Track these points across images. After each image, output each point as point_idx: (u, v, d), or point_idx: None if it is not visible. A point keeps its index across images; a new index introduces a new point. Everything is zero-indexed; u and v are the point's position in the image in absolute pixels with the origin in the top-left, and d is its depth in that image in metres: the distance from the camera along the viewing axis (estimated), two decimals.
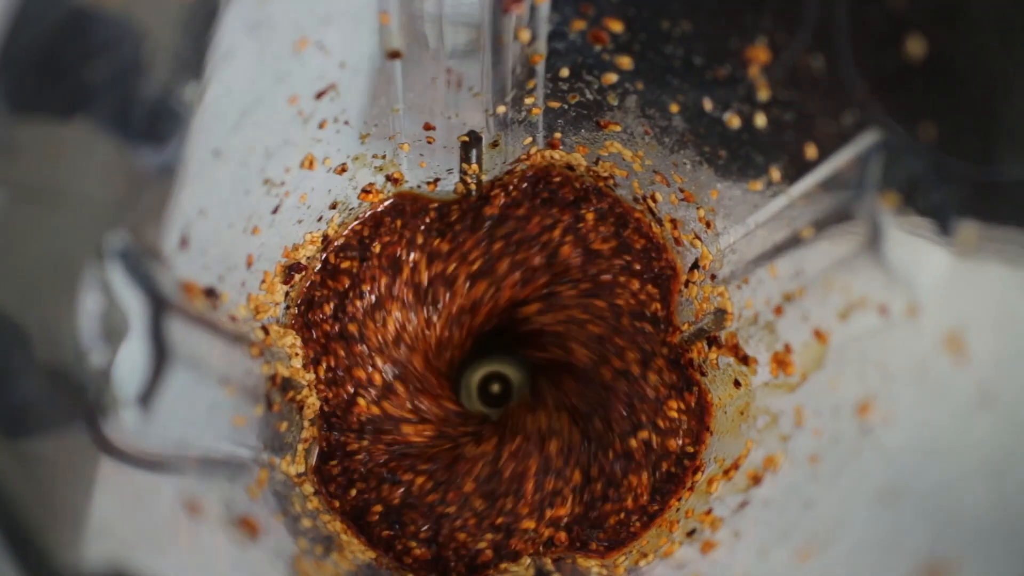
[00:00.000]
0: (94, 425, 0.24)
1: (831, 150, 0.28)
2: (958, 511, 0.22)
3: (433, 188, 0.40)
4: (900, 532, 0.23)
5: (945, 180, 0.24)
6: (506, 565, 0.37)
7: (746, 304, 0.34)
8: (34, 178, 0.24)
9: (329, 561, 0.32)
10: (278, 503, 0.33)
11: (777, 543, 0.28)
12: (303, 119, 0.32)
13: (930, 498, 0.23)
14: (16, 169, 0.23)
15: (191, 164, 0.28)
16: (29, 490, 0.18)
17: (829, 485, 0.27)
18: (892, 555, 0.22)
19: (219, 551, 0.26)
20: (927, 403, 0.25)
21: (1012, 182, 0.23)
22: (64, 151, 0.24)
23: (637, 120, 0.35)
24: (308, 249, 0.38)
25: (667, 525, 0.37)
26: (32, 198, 0.24)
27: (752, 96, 0.29)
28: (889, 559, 0.22)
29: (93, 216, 0.25)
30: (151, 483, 0.26)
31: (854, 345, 0.28)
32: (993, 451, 0.23)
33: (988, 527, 0.22)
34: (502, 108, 0.36)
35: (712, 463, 0.37)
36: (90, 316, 0.23)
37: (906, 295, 0.25)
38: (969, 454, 0.23)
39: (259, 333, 0.34)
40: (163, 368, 0.24)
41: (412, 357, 0.40)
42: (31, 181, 0.24)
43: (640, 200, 0.39)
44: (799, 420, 0.31)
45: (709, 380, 0.38)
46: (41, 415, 0.23)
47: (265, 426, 0.33)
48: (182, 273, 0.28)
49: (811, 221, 0.29)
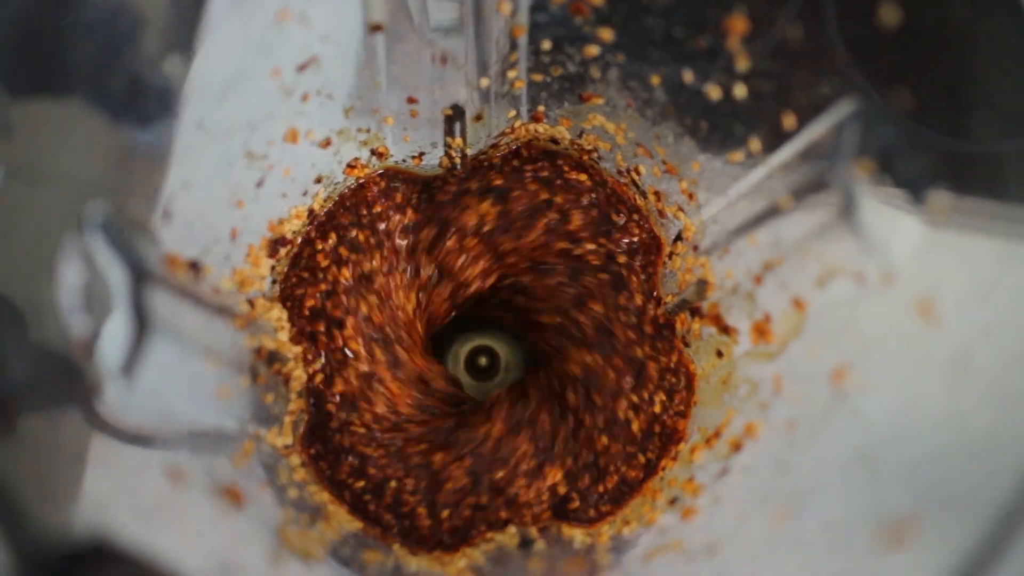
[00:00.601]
0: (84, 402, 0.24)
1: (808, 120, 0.28)
2: (932, 474, 0.22)
3: (418, 162, 0.40)
4: (873, 497, 0.23)
5: (919, 148, 0.25)
6: (492, 534, 0.37)
7: (727, 274, 0.34)
8: (24, 157, 0.24)
9: (315, 530, 0.33)
10: (264, 473, 0.33)
11: (755, 508, 0.28)
12: (286, 92, 0.32)
13: (902, 463, 0.23)
14: (7, 147, 0.23)
15: (175, 137, 0.28)
16: (17, 464, 0.18)
17: (805, 451, 0.27)
18: (867, 517, 0.23)
19: (204, 521, 0.26)
20: (901, 370, 0.25)
21: (982, 152, 0.24)
22: (52, 129, 0.24)
23: (619, 92, 0.35)
24: (294, 223, 0.38)
25: (650, 494, 0.37)
26: (22, 176, 0.24)
27: (731, 67, 0.29)
28: (864, 520, 0.23)
29: (80, 192, 0.25)
30: (138, 456, 0.26)
31: (831, 313, 0.29)
32: (967, 417, 0.24)
33: (957, 491, 0.22)
34: (485, 81, 0.36)
35: (695, 433, 0.37)
36: (70, 287, 0.24)
37: (881, 263, 0.25)
38: (941, 420, 0.24)
39: (244, 306, 0.34)
40: (144, 338, 0.25)
41: (398, 330, 0.40)
42: (20, 159, 0.24)
43: (624, 173, 0.40)
44: (778, 387, 0.31)
45: (692, 351, 0.38)
46: (32, 393, 0.23)
47: (251, 398, 0.34)
48: (165, 245, 0.28)
49: (789, 190, 0.29)
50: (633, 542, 0.34)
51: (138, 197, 0.28)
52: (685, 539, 0.30)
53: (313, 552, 0.31)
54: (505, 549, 0.35)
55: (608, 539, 0.36)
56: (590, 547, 0.35)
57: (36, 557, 0.17)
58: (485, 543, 0.37)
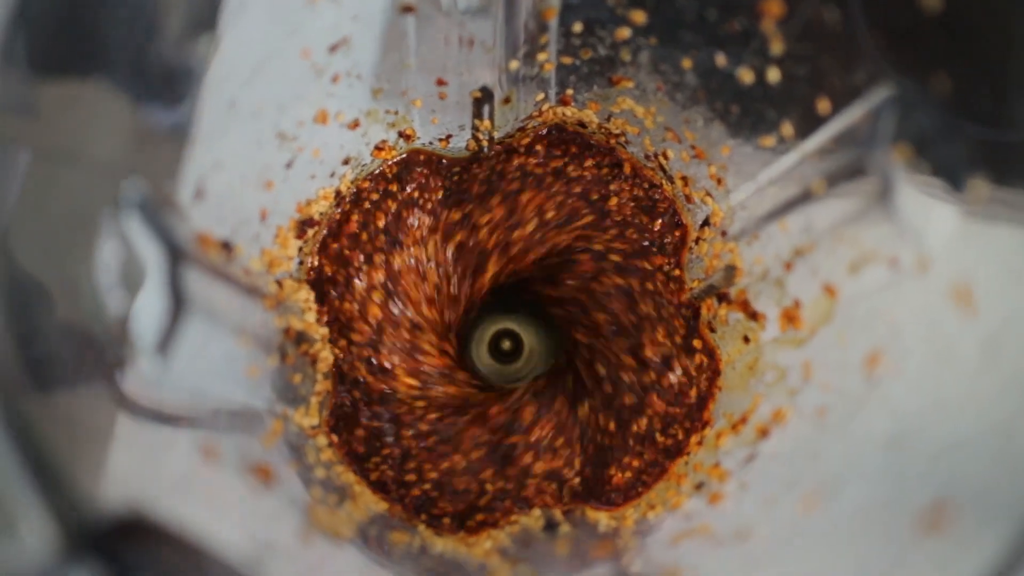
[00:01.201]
0: (112, 380, 0.24)
1: (843, 105, 0.28)
2: (963, 463, 0.22)
3: (445, 144, 0.40)
4: (906, 483, 0.23)
5: (957, 135, 0.24)
6: (516, 516, 0.37)
7: (756, 260, 0.34)
8: (53, 138, 0.24)
9: (343, 510, 0.33)
10: (292, 453, 0.33)
11: (784, 493, 0.28)
12: (316, 73, 0.32)
13: (936, 450, 0.23)
14: (36, 129, 0.23)
15: (207, 117, 0.28)
16: (55, 435, 0.18)
17: (836, 437, 0.27)
18: (897, 504, 0.22)
19: (234, 498, 0.26)
20: (935, 357, 0.25)
21: (1021, 141, 0.24)
22: (79, 110, 0.25)
23: (650, 76, 0.35)
24: (321, 204, 0.38)
25: (675, 479, 0.37)
26: (51, 157, 0.24)
27: (765, 50, 0.29)
28: (894, 508, 0.23)
29: (111, 172, 0.25)
30: (168, 435, 0.26)
31: (863, 299, 0.28)
32: (998, 406, 0.23)
33: (991, 479, 0.22)
34: (515, 64, 0.36)
35: (720, 418, 0.37)
36: (107, 266, 0.24)
37: (916, 249, 0.25)
38: (975, 407, 0.23)
39: (273, 286, 0.35)
40: (180, 317, 0.25)
41: (422, 312, 0.40)
42: (50, 141, 0.24)
43: (651, 157, 0.39)
44: (807, 374, 0.31)
45: (718, 336, 0.38)
46: (62, 370, 0.23)
47: (279, 378, 0.34)
48: (197, 225, 0.28)
49: (822, 176, 0.29)
50: (659, 526, 0.34)
51: (162, 177, 0.28)
52: (712, 524, 0.30)
53: (342, 531, 0.31)
54: (530, 531, 0.36)
55: (633, 523, 0.36)
56: (615, 530, 0.35)
57: (80, 531, 0.18)
58: (510, 525, 0.37)
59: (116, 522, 0.18)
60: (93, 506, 0.18)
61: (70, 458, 0.18)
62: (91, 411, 0.23)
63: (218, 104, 0.29)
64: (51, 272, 0.24)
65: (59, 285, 0.24)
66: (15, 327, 0.19)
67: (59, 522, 0.18)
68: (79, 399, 0.24)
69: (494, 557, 0.34)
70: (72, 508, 0.18)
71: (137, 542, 0.18)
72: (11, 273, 0.22)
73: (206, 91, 0.28)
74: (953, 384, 0.24)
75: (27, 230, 0.23)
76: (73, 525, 0.18)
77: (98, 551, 0.18)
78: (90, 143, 0.25)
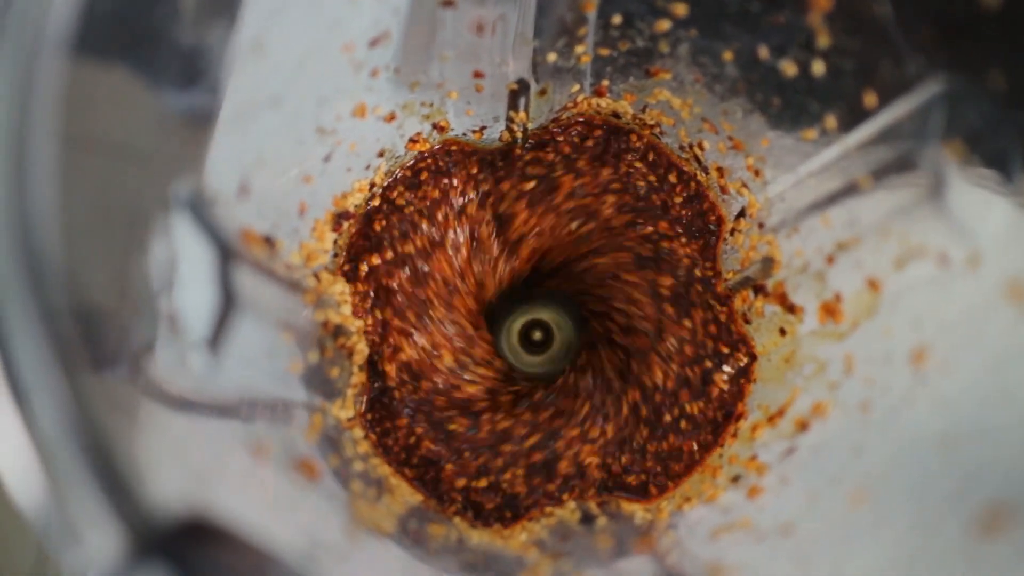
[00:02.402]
0: (133, 366, 0.24)
1: (891, 99, 0.27)
2: (1018, 460, 0.22)
3: (479, 136, 0.40)
4: (959, 482, 0.23)
5: (1010, 130, 0.24)
6: (551, 508, 0.37)
7: (796, 253, 0.34)
8: (79, 126, 0.24)
9: (382, 503, 0.33)
10: (331, 447, 0.34)
11: (827, 489, 0.28)
12: (355, 67, 0.32)
13: (991, 451, 0.23)
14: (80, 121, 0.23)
15: (250, 113, 0.28)
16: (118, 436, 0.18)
17: (882, 433, 0.27)
18: (950, 504, 0.22)
19: (284, 496, 0.27)
20: (988, 354, 0.25)
21: None
22: (104, 98, 0.24)
23: (688, 68, 0.35)
24: (356, 197, 0.38)
25: (710, 471, 0.37)
26: (78, 146, 0.24)
27: (811, 43, 0.29)
28: (946, 508, 0.22)
29: (158, 166, 0.25)
30: (217, 433, 0.26)
31: (909, 294, 0.28)
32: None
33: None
34: (552, 56, 0.35)
35: (756, 410, 0.37)
36: (159, 262, 0.24)
37: (967, 244, 0.25)
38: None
39: (311, 280, 0.35)
40: (230, 313, 0.25)
41: (455, 303, 0.41)
42: (75, 129, 0.24)
43: (686, 148, 0.39)
44: (849, 368, 0.31)
45: (753, 328, 0.38)
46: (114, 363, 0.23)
47: (317, 372, 0.34)
48: (241, 220, 0.29)
49: (868, 170, 0.29)
50: (696, 519, 0.34)
51: (199, 171, 0.28)
52: (753, 518, 0.30)
53: (383, 525, 0.31)
54: (567, 524, 0.36)
55: (668, 515, 0.36)
56: (650, 523, 0.35)
57: (146, 533, 0.18)
58: (545, 518, 0.37)
59: (179, 524, 0.18)
60: (156, 508, 0.18)
61: (132, 460, 0.19)
62: (147, 409, 0.23)
63: (260, 101, 0.29)
64: (83, 259, 0.24)
65: (90, 273, 0.24)
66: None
67: (125, 525, 0.18)
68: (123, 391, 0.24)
69: (532, 550, 0.34)
70: (137, 510, 0.18)
71: (200, 544, 0.19)
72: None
73: (248, 88, 0.28)
74: (1008, 383, 0.24)
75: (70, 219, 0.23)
76: (138, 527, 0.18)
77: (163, 553, 0.18)
78: (117, 132, 0.25)
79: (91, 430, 0.18)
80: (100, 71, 0.22)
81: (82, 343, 0.19)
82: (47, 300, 0.19)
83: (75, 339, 0.19)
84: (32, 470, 0.18)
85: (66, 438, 0.18)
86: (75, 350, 0.19)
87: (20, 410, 0.18)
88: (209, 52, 0.27)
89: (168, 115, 0.25)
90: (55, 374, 0.18)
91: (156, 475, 0.19)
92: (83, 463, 0.18)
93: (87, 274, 0.22)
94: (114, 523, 0.17)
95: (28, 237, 0.20)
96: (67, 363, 0.19)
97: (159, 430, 0.23)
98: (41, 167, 0.21)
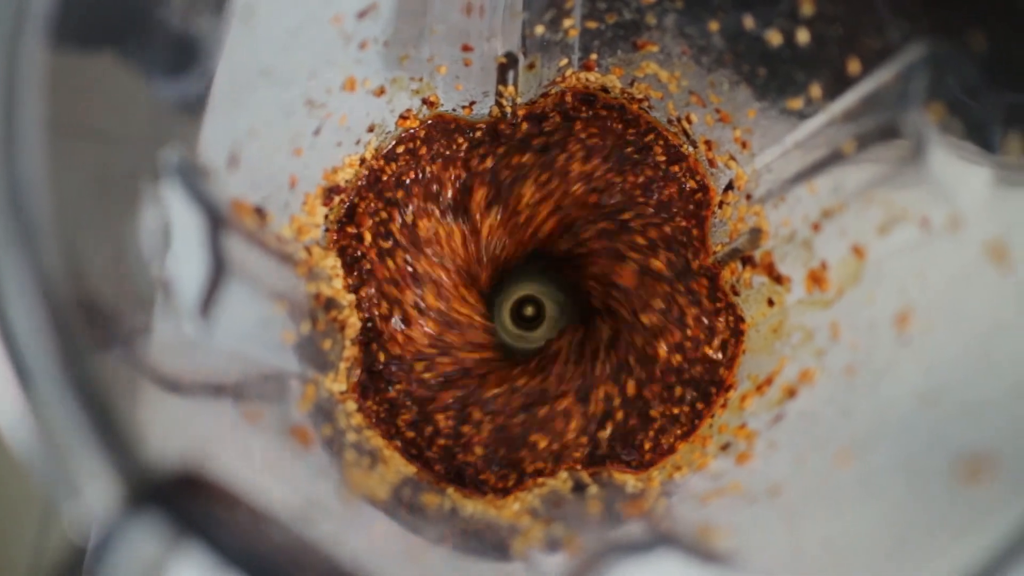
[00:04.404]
0: (128, 345, 0.25)
1: (874, 65, 0.28)
2: (1001, 418, 0.23)
3: (468, 111, 0.40)
4: (941, 437, 0.23)
5: (991, 94, 0.24)
6: (544, 479, 0.38)
7: (783, 222, 0.34)
8: (65, 113, 0.24)
9: (376, 472, 0.34)
10: (324, 418, 0.34)
11: (815, 451, 0.28)
12: (345, 39, 0.32)
13: (972, 405, 0.23)
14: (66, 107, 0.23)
15: (240, 85, 0.28)
16: (115, 392, 0.19)
17: (867, 394, 0.28)
18: (933, 458, 0.23)
19: (278, 459, 0.27)
20: (969, 313, 0.25)
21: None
22: (89, 85, 0.25)
23: (675, 40, 0.35)
24: (346, 172, 0.38)
25: (700, 441, 0.37)
26: (65, 133, 0.24)
27: (795, 11, 0.29)
28: (929, 461, 0.23)
29: (147, 138, 0.25)
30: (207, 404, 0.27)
31: (892, 259, 0.29)
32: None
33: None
34: (540, 28, 0.36)
35: (745, 380, 0.37)
36: (150, 232, 0.24)
37: (949, 207, 0.25)
38: (1012, 363, 0.24)
39: (303, 253, 0.35)
40: (221, 280, 0.25)
41: (446, 278, 0.41)
42: (62, 116, 0.24)
43: (674, 122, 0.39)
44: (835, 334, 0.31)
45: (742, 300, 0.38)
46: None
47: (310, 343, 0.34)
48: (232, 191, 0.29)
49: (852, 137, 0.29)
50: (686, 486, 0.35)
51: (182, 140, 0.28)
52: (743, 482, 0.31)
53: (377, 492, 0.32)
54: (559, 493, 0.36)
55: (659, 484, 0.36)
56: (642, 492, 0.36)
57: (141, 485, 0.18)
58: (537, 488, 0.37)
59: (176, 478, 0.19)
60: (153, 462, 0.19)
61: (128, 415, 0.19)
62: (143, 386, 0.23)
63: (251, 72, 0.29)
64: (87, 239, 0.24)
65: (94, 251, 0.24)
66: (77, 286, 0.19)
67: (123, 477, 0.18)
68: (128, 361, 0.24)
69: (525, 517, 0.34)
70: (135, 464, 0.18)
71: (196, 498, 0.19)
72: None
73: (240, 59, 0.28)
74: (988, 340, 0.24)
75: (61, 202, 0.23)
76: (136, 480, 0.18)
77: (160, 504, 0.18)
78: (102, 118, 0.25)
79: (90, 391, 0.18)
80: (85, 57, 0.22)
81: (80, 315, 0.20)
82: (42, 266, 0.20)
83: (72, 306, 0.19)
84: (31, 428, 0.18)
85: (65, 397, 0.18)
86: (73, 317, 0.19)
87: (18, 372, 0.18)
88: (199, 36, 0.27)
89: (131, 91, 0.25)
90: (54, 344, 0.19)
91: (153, 434, 0.19)
92: (82, 420, 0.18)
93: (80, 241, 0.23)
94: (112, 476, 0.18)
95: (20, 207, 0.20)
96: (64, 333, 0.19)
97: (154, 404, 0.23)
98: (30, 144, 0.21)
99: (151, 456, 0.19)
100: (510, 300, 0.46)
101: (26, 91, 0.21)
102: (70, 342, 0.18)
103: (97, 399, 0.18)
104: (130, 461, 0.18)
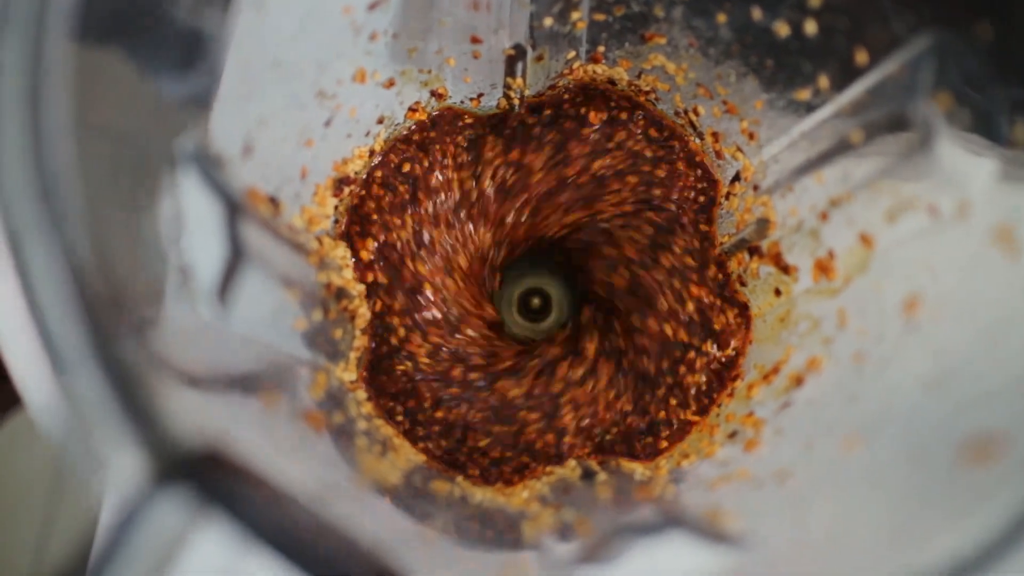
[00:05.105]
0: (136, 338, 0.25)
1: (882, 55, 0.28)
2: (1008, 402, 0.23)
3: (476, 104, 0.40)
4: (950, 420, 0.24)
5: (997, 88, 0.25)
6: (552, 468, 0.38)
7: (790, 212, 0.34)
8: (103, 106, 0.24)
9: (387, 459, 0.34)
10: (336, 405, 0.34)
11: (822, 436, 0.29)
12: (355, 31, 0.33)
13: (980, 388, 0.24)
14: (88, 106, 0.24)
15: (252, 75, 0.29)
16: (142, 371, 0.19)
17: (874, 380, 0.28)
18: (940, 436, 0.23)
19: (293, 443, 0.27)
20: (976, 298, 0.25)
21: None
22: (92, 81, 0.25)
23: (683, 32, 0.35)
24: (356, 163, 0.39)
25: (707, 429, 0.38)
26: (103, 125, 0.24)
27: (803, 3, 0.29)
28: (937, 439, 0.23)
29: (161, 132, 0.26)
30: (225, 385, 0.27)
31: (900, 247, 0.29)
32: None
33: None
34: (548, 21, 0.36)
35: (752, 370, 0.38)
36: (168, 218, 0.24)
37: (957, 195, 0.26)
38: (1019, 347, 0.24)
39: (314, 243, 0.35)
40: (238, 266, 0.25)
41: (454, 268, 0.41)
42: (101, 109, 0.24)
43: (681, 114, 0.40)
44: (842, 322, 0.32)
45: (749, 290, 0.39)
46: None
47: (321, 331, 0.35)
48: (246, 180, 0.29)
49: (860, 127, 0.29)
50: (694, 473, 0.35)
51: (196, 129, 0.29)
52: (751, 468, 0.31)
53: (388, 478, 0.32)
54: (568, 480, 0.36)
55: (667, 472, 0.37)
56: (650, 479, 0.36)
57: (167, 460, 0.18)
58: (547, 476, 0.38)
59: (200, 454, 0.19)
60: (178, 437, 0.19)
61: (156, 393, 0.19)
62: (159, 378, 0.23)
63: (262, 62, 0.29)
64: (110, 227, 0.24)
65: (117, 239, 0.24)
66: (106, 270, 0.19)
67: (148, 451, 0.18)
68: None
69: (534, 504, 0.35)
70: (160, 438, 0.18)
71: (219, 473, 0.19)
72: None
73: (251, 50, 0.28)
74: (996, 327, 0.24)
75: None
76: (161, 454, 0.18)
77: (184, 478, 0.18)
78: (105, 114, 0.25)
79: (119, 371, 0.19)
80: (100, 52, 0.22)
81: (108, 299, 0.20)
82: (70, 251, 0.20)
83: (99, 289, 0.20)
84: (61, 405, 0.18)
85: (94, 376, 0.19)
86: (100, 300, 0.19)
87: (48, 352, 0.19)
88: (208, 33, 0.27)
89: (136, 88, 0.25)
90: (83, 326, 0.19)
91: (179, 412, 0.20)
92: (111, 398, 0.18)
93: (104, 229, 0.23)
94: (138, 449, 0.18)
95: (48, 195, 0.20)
96: (93, 316, 0.19)
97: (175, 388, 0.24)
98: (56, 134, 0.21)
99: (177, 432, 0.19)
100: (516, 292, 0.47)
101: (50, 83, 0.21)
102: (99, 324, 0.19)
103: (125, 378, 0.18)
104: (156, 435, 0.18)
